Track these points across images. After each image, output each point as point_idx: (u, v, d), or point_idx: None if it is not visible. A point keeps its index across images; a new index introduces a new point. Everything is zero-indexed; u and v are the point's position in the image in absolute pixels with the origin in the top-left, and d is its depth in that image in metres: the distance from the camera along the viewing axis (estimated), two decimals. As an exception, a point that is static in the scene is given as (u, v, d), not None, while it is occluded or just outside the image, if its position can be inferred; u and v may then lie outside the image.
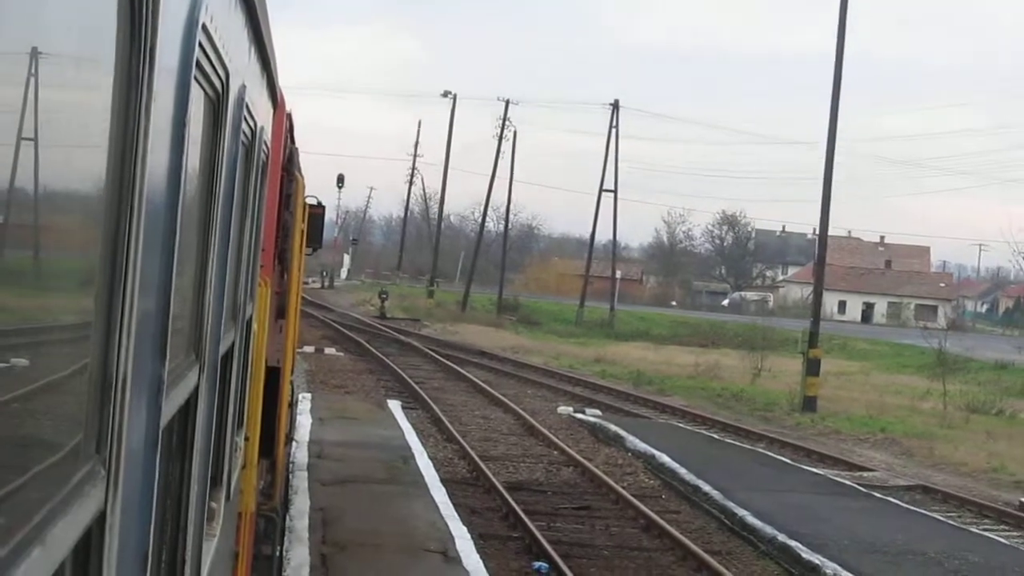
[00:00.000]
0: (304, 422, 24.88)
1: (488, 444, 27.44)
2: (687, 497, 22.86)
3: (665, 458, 25.47)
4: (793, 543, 18.53)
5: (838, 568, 17.15)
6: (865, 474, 27.33)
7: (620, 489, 22.51)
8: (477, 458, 24.35)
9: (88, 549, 2.11)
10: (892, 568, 17.66)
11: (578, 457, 25.72)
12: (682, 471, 24.16)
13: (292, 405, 16.28)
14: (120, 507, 2.22)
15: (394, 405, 30.24)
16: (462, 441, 26.45)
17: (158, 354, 2.62)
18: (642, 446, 27.10)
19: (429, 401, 32.34)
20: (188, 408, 3.51)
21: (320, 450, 22.26)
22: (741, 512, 20.64)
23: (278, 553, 12.06)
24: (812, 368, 40.42)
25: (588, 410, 34.62)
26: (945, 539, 20.02)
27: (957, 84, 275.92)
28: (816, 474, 26.16)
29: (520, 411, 32.33)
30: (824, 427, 36.59)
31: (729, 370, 50.75)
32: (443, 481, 20.73)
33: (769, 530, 19.40)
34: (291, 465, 18.56)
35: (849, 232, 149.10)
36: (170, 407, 2.90)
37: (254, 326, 7.08)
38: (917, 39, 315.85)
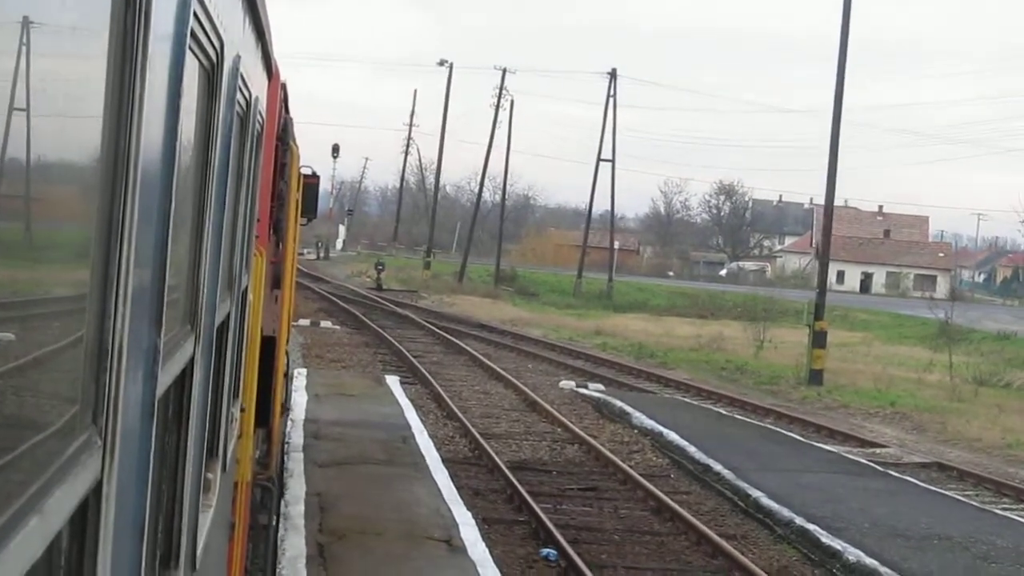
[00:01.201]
0: (299, 400, 24.33)
1: (489, 421, 27.05)
2: (697, 477, 22.28)
3: (673, 435, 24.95)
4: (811, 527, 17.87)
5: (860, 554, 16.41)
6: (878, 451, 26.82)
7: (628, 468, 21.95)
8: (479, 436, 23.94)
9: (85, 519, 2.11)
10: (917, 554, 16.90)
11: (583, 434, 25.22)
12: (691, 449, 23.60)
13: (288, 376, 16.19)
14: (116, 477, 2.22)
15: (392, 380, 29.72)
16: (463, 418, 26.02)
17: (154, 324, 2.62)
18: (648, 422, 26.60)
19: (428, 376, 32.01)
20: (184, 378, 3.52)
21: (316, 429, 21.61)
22: (755, 493, 20.04)
23: (274, 522, 12.03)
24: (818, 340, 39.68)
25: (591, 384, 34.21)
26: (968, 521, 19.38)
27: (957, 53, 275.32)
28: (828, 451, 25.57)
29: (521, 386, 31.97)
30: (831, 401, 36.20)
31: (731, 341, 50.43)
32: (444, 461, 20.09)
33: (786, 512, 18.75)
34: (286, 446, 18.21)
35: (846, 201, 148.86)
36: (166, 377, 2.91)
37: (250, 296, 7.09)
38: (917, 7, 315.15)
